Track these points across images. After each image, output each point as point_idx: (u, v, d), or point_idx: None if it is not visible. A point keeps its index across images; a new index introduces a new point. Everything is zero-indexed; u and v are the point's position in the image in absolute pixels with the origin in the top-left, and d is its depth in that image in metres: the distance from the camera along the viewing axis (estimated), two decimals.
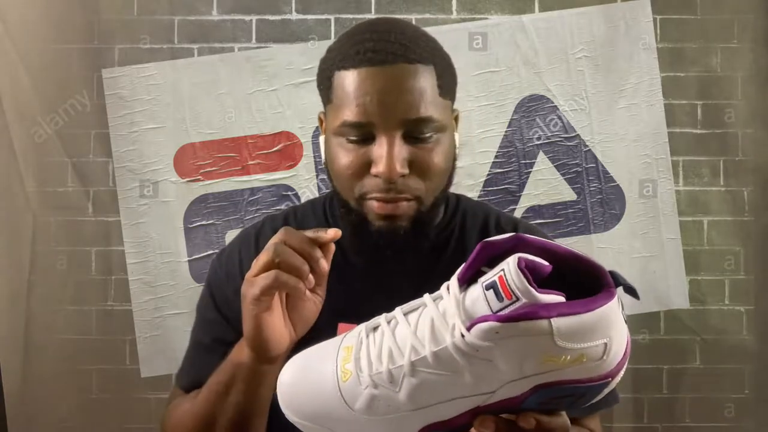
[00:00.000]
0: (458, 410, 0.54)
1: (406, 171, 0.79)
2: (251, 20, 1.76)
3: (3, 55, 1.72)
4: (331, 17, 1.75)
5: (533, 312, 0.49)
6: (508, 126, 1.74)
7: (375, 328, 0.58)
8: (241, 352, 0.77)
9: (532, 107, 1.75)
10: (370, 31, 0.82)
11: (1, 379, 1.72)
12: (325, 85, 0.84)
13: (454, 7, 1.76)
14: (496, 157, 1.74)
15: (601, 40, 1.75)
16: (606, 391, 0.55)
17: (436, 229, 0.90)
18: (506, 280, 0.50)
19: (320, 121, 0.91)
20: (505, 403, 0.53)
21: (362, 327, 0.59)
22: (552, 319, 0.48)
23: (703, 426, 1.75)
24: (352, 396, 0.55)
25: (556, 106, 1.75)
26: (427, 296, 0.56)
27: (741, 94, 1.76)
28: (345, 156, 0.81)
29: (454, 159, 0.87)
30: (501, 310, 0.50)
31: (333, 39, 1.72)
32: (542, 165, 1.75)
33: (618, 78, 1.75)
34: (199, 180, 1.74)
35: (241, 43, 1.76)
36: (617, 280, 0.53)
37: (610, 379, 0.54)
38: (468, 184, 1.71)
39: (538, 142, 1.75)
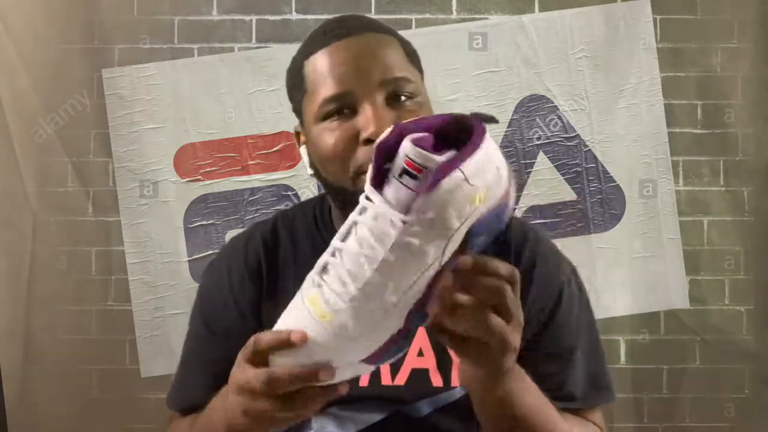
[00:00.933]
0: (426, 282, 0.60)
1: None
2: (251, 20, 1.76)
3: (3, 55, 1.72)
4: (331, 17, 1.75)
5: (446, 169, 0.56)
6: (508, 126, 1.74)
7: (324, 268, 0.61)
8: (214, 419, 0.73)
9: (532, 107, 1.75)
10: (336, 19, 0.86)
11: (1, 379, 1.72)
12: (298, 79, 0.84)
13: (454, 7, 1.76)
14: None
15: (601, 40, 1.75)
16: (507, 212, 0.63)
17: None
18: (411, 160, 0.57)
19: (297, 135, 0.90)
20: (455, 256, 0.60)
21: (311, 276, 0.62)
22: (461, 168, 0.56)
23: (703, 426, 1.75)
24: (343, 331, 0.59)
25: (556, 106, 1.75)
26: (353, 214, 0.60)
27: (741, 94, 1.76)
28: (330, 136, 0.80)
29: None
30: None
31: None
32: (542, 165, 1.75)
33: (618, 78, 1.75)
34: (199, 180, 1.74)
35: (241, 43, 1.76)
36: (480, 116, 0.61)
37: (505, 201, 0.62)
38: None
39: (538, 142, 1.75)
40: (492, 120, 0.61)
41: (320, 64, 0.80)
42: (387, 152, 0.59)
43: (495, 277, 0.60)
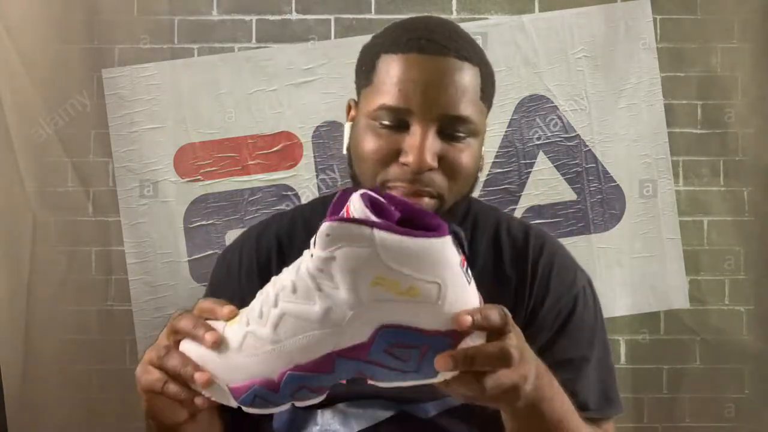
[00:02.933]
0: (315, 353, 0.58)
1: (435, 165, 0.78)
2: (251, 20, 1.76)
3: (3, 55, 1.72)
4: (331, 17, 1.75)
5: (359, 219, 0.55)
6: (508, 126, 1.74)
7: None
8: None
9: (532, 107, 1.75)
10: (424, 23, 0.82)
11: (1, 379, 1.72)
12: (368, 66, 0.83)
13: (454, 7, 1.76)
14: (496, 157, 1.73)
15: (601, 40, 1.74)
16: (451, 351, 0.58)
17: None
18: (350, 207, 0.57)
19: (348, 108, 0.89)
20: (357, 348, 0.58)
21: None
22: (375, 230, 0.54)
23: (703, 426, 1.75)
24: (232, 340, 0.61)
25: (556, 106, 1.75)
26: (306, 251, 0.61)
27: (741, 94, 1.76)
28: (374, 140, 0.80)
29: (479, 168, 0.86)
30: None
31: (333, 39, 1.75)
32: (542, 165, 1.75)
33: (618, 78, 1.75)
34: (199, 180, 1.74)
35: (241, 43, 1.76)
36: (454, 230, 0.58)
37: (452, 339, 0.57)
38: None
39: (538, 142, 1.75)
40: (457, 237, 0.58)
41: (393, 68, 0.79)
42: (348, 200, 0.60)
43: (490, 352, 0.58)
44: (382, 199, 0.59)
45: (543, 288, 0.89)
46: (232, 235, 1.69)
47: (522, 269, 0.90)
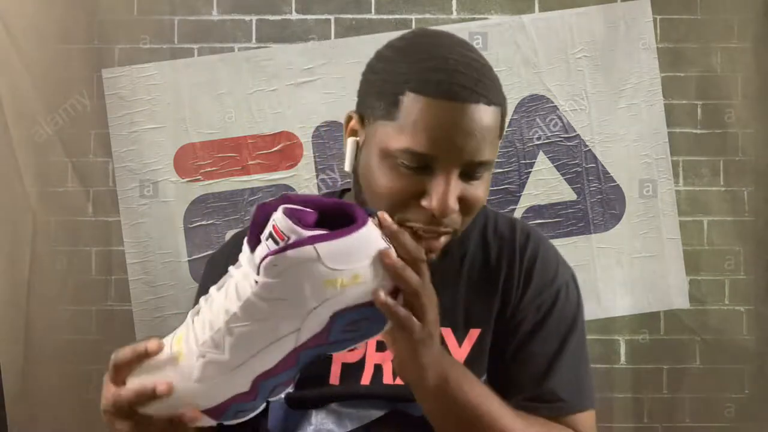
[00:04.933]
0: (278, 356, 0.63)
1: (457, 208, 0.78)
2: (251, 20, 1.76)
3: (3, 55, 1.72)
4: (331, 17, 1.75)
5: (299, 242, 0.59)
6: (508, 126, 1.74)
7: (198, 311, 0.66)
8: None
9: (532, 107, 1.75)
10: (455, 60, 0.78)
11: (1, 379, 1.72)
12: (391, 100, 0.79)
13: (454, 7, 1.76)
14: (496, 157, 1.73)
15: (601, 40, 1.74)
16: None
17: None
18: (277, 226, 0.60)
19: (349, 119, 0.86)
20: (316, 339, 0.63)
21: (189, 314, 0.67)
22: (315, 245, 0.59)
23: (703, 426, 1.75)
24: (188, 372, 0.63)
25: (556, 106, 1.75)
26: (231, 268, 0.65)
27: (741, 94, 1.76)
28: (396, 180, 0.78)
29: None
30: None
31: (333, 39, 1.75)
32: (542, 165, 1.75)
33: (618, 78, 1.75)
34: (199, 180, 1.74)
35: (241, 43, 1.76)
36: (371, 213, 0.64)
37: (393, 297, 0.64)
38: None
39: (538, 142, 1.75)
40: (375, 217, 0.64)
41: (422, 111, 0.76)
42: (267, 215, 0.62)
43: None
44: (298, 207, 0.62)
45: (526, 280, 0.91)
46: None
47: (509, 263, 0.92)
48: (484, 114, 0.77)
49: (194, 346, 0.63)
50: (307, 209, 0.62)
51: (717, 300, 1.76)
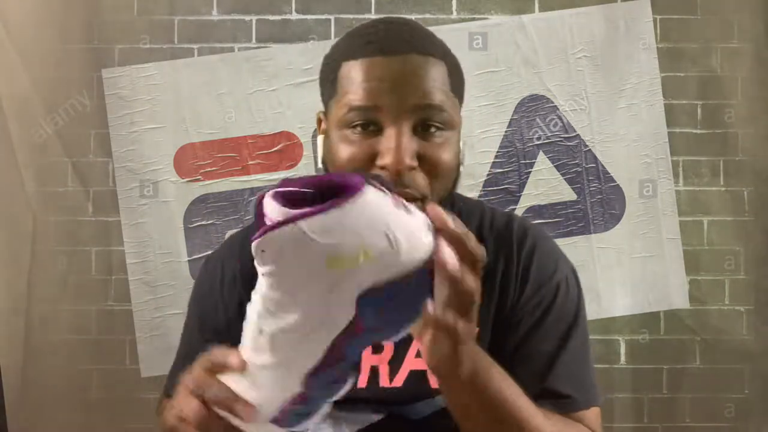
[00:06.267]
0: (318, 348, 0.58)
1: (415, 164, 0.76)
2: (251, 20, 1.76)
3: (3, 55, 1.72)
4: (331, 17, 1.75)
5: (282, 222, 0.54)
6: (508, 126, 1.74)
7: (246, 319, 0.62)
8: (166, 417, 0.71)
9: (532, 107, 1.75)
10: (383, 23, 0.82)
11: (1, 379, 1.72)
12: (330, 78, 0.82)
13: (454, 7, 1.76)
14: (496, 157, 1.74)
15: (601, 40, 1.75)
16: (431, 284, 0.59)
17: None
18: (264, 209, 0.56)
19: (319, 121, 0.88)
20: (352, 327, 0.57)
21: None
22: (298, 222, 0.53)
23: (703, 426, 1.75)
24: (247, 382, 0.60)
25: (556, 106, 1.75)
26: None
27: (741, 94, 1.76)
28: (348, 148, 0.78)
29: (460, 163, 0.84)
30: None
31: (333, 39, 1.75)
32: (542, 165, 1.75)
33: (618, 78, 1.75)
34: (199, 180, 1.74)
35: (241, 43, 1.76)
36: (373, 177, 0.57)
37: (426, 270, 0.58)
38: (468, 184, 1.71)
39: (538, 142, 1.75)
40: (384, 185, 0.58)
41: (356, 73, 0.78)
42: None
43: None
44: (292, 189, 0.58)
45: (524, 277, 0.88)
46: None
47: (506, 259, 0.89)
48: (421, 62, 0.77)
49: (244, 354, 0.60)
50: (304, 190, 0.58)
51: (717, 300, 1.76)
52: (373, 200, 0.56)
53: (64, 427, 1.73)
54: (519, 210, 1.74)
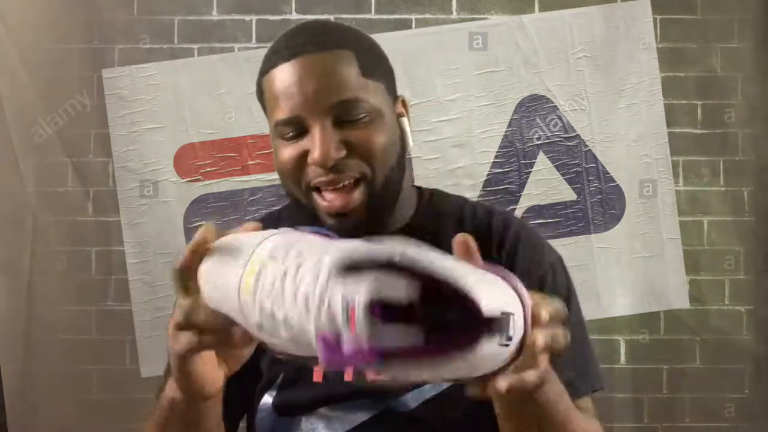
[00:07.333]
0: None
1: (342, 153, 0.80)
2: (251, 20, 1.76)
3: (3, 55, 1.72)
4: (331, 17, 1.75)
5: (358, 356, 0.44)
6: (508, 126, 1.74)
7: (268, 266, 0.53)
8: (175, 390, 0.75)
9: (532, 107, 1.75)
10: (285, 34, 0.85)
11: (1, 379, 1.72)
12: (259, 94, 0.87)
13: (454, 7, 1.76)
14: (496, 157, 1.74)
15: (601, 40, 1.75)
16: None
17: (407, 228, 0.89)
18: (356, 316, 0.43)
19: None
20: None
21: (268, 247, 0.55)
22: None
23: (703, 426, 1.75)
24: (248, 311, 0.54)
25: (556, 106, 1.75)
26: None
27: (741, 94, 1.76)
28: (284, 152, 0.83)
29: (404, 144, 0.87)
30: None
31: None
32: (542, 165, 1.75)
33: (618, 78, 1.75)
34: (199, 180, 1.74)
35: (241, 43, 1.76)
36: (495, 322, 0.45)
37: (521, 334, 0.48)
38: (468, 184, 1.71)
39: (538, 142, 1.75)
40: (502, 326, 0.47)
41: (271, 86, 0.82)
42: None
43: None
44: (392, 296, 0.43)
45: (509, 268, 0.87)
46: None
47: (486, 252, 0.88)
48: (321, 59, 0.81)
49: (260, 298, 0.52)
50: (401, 299, 0.42)
51: (717, 300, 1.76)
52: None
53: (64, 427, 1.73)
54: (519, 210, 1.74)
